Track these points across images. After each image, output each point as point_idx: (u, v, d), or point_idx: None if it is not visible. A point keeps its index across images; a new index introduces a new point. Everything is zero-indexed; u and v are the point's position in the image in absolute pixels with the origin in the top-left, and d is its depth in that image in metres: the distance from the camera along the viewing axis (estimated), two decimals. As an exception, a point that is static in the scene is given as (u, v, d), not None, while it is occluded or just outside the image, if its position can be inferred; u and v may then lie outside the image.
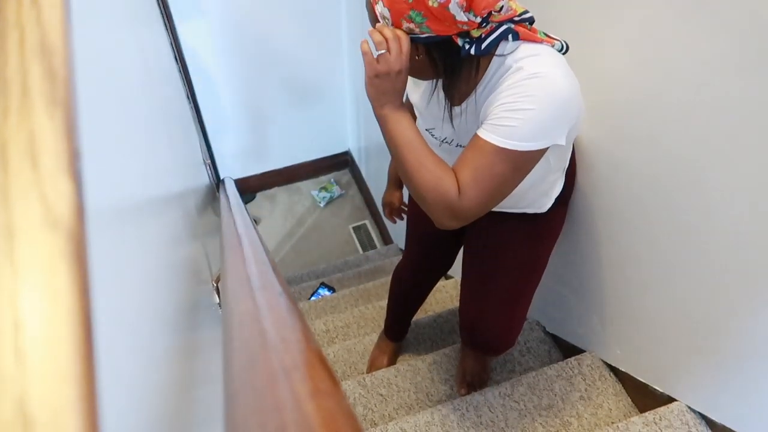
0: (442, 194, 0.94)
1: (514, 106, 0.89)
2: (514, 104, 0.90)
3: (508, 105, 0.90)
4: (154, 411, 0.51)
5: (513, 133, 0.89)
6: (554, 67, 0.91)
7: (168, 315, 0.69)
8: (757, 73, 0.81)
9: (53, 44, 0.30)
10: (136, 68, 0.90)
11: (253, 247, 0.97)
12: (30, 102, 0.27)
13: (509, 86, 0.91)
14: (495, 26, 0.91)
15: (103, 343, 0.27)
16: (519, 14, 0.94)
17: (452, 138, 1.12)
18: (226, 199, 1.65)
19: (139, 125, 0.80)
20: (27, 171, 0.25)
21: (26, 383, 0.20)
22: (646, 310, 1.30)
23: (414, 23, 0.88)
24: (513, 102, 0.90)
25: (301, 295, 2.70)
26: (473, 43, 0.91)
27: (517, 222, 1.25)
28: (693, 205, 1.04)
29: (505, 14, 0.92)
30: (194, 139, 1.93)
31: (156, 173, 0.87)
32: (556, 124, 0.90)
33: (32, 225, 0.24)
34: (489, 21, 0.90)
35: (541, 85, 0.88)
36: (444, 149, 1.16)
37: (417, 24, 0.88)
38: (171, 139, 1.22)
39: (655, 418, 1.35)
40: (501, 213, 1.24)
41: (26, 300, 0.22)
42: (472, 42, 0.91)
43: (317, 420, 0.33)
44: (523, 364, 1.77)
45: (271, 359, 0.44)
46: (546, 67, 0.90)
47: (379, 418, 1.64)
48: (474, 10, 0.85)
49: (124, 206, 0.56)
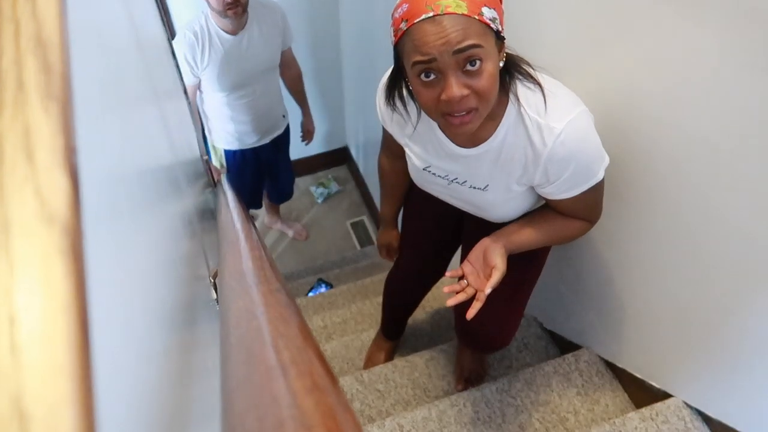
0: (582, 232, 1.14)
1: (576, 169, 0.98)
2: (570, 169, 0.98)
3: (572, 171, 0.98)
4: (151, 406, 0.51)
5: (590, 178, 1.00)
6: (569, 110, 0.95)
7: (165, 310, 0.69)
8: (757, 71, 0.81)
9: (49, 38, 0.30)
10: (134, 63, 0.89)
11: (250, 242, 0.97)
12: (25, 96, 0.27)
13: (556, 158, 0.97)
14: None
15: (100, 339, 0.27)
16: None
17: (464, 179, 1.12)
18: (223, 194, 1.64)
19: (137, 120, 0.80)
20: (22, 165, 0.25)
21: (22, 379, 0.20)
22: (643, 306, 1.31)
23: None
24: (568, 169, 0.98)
25: (298, 291, 2.70)
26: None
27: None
28: (689, 203, 1.04)
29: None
30: (191, 134, 1.93)
31: (153, 168, 0.86)
32: (598, 146, 0.99)
33: (27, 220, 0.24)
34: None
35: (576, 139, 0.95)
36: (454, 189, 1.15)
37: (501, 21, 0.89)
38: (169, 135, 1.22)
39: (651, 413, 1.35)
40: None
41: (21, 295, 0.22)
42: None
43: (315, 416, 0.33)
44: (520, 360, 1.77)
45: (269, 355, 0.44)
46: (565, 116, 0.94)
47: (376, 413, 1.65)
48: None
49: (121, 201, 0.56)
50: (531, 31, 1.25)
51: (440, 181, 1.16)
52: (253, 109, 2.31)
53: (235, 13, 1.94)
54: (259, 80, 2.24)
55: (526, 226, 1.12)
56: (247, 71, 2.17)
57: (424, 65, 0.84)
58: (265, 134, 2.46)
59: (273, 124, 2.46)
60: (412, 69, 0.87)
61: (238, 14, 1.96)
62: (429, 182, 1.19)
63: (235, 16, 1.96)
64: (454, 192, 1.17)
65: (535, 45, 1.24)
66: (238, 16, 1.97)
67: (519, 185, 1.06)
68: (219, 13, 1.96)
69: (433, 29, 0.81)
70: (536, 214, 1.14)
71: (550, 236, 1.13)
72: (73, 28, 0.34)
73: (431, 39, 0.81)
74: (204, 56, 2.06)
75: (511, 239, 1.11)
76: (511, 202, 1.11)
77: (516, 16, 1.29)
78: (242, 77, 2.17)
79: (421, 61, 0.84)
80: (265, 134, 2.46)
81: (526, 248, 1.13)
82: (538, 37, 1.24)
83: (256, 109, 2.32)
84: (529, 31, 1.25)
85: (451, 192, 1.18)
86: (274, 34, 2.19)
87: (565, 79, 1.17)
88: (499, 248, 1.08)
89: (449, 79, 0.84)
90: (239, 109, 2.27)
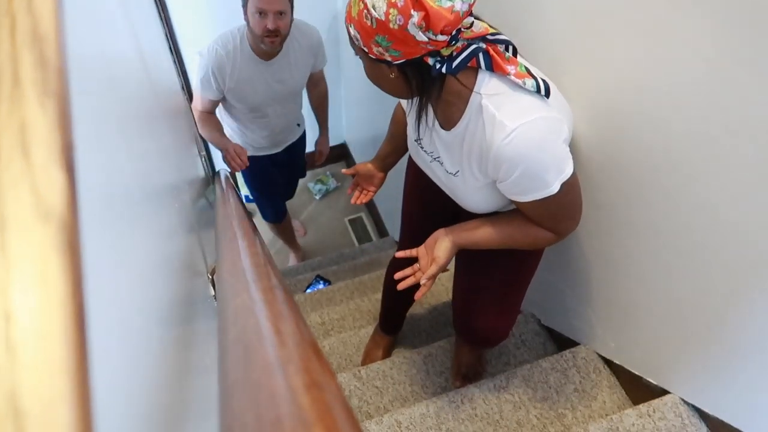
0: (547, 242, 1.13)
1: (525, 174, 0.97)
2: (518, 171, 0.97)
3: (520, 174, 0.97)
4: (148, 403, 0.51)
5: (540, 188, 0.99)
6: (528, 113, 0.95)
7: (162, 307, 0.69)
8: (755, 69, 0.81)
9: (45, 33, 0.30)
10: (130, 57, 0.89)
11: (248, 239, 0.97)
12: (21, 91, 0.27)
13: (503, 157, 0.96)
14: (467, 44, 0.93)
15: (96, 335, 0.27)
16: (491, 33, 0.96)
17: (442, 160, 1.16)
18: (221, 191, 1.64)
19: (134, 116, 0.79)
20: (18, 161, 0.25)
21: (17, 376, 0.20)
22: (641, 303, 1.31)
23: (382, 47, 0.91)
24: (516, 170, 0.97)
25: (296, 288, 2.71)
26: (444, 62, 0.93)
27: None
28: (687, 199, 1.04)
29: (477, 31, 0.94)
30: (189, 131, 1.92)
31: (151, 164, 0.86)
32: (554, 157, 0.98)
33: (24, 216, 0.23)
34: (459, 38, 0.92)
35: (524, 144, 0.95)
36: (435, 168, 1.20)
37: (384, 48, 0.91)
38: (166, 131, 1.22)
39: (648, 410, 1.35)
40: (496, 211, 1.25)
41: (18, 291, 0.22)
42: (443, 61, 0.93)
43: (312, 412, 0.33)
44: (518, 357, 1.77)
45: (267, 352, 0.44)
46: (520, 117, 0.95)
47: (374, 410, 1.65)
48: (432, 30, 0.86)
49: (118, 197, 0.56)
50: (529, 26, 1.25)
51: (425, 156, 1.20)
52: (270, 127, 2.25)
53: (272, 42, 1.88)
54: (282, 102, 2.19)
55: (486, 225, 1.15)
56: (271, 95, 2.11)
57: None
58: (278, 144, 2.40)
59: (287, 135, 2.41)
60: None
61: (275, 44, 1.90)
62: (417, 155, 1.24)
63: (272, 46, 1.90)
64: (434, 171, 1.21)
65: (533, 40, 1.24)
66: (274, 46, 1.91)
67: (481, 174, 1.08)
68: (256, 39, 1.90)
69: None
70: (501, 216, 1.17)
71: (509, 239, 1.14)
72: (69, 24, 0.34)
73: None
74: (231, 76, 1.99)
75: (464, 235, 1.15)
76: (479, 193, 1.13)
77: (515, 10, 1.28)
78: (266, 100, 2.12)
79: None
80: (279, 144, 2.41)
81: (482, 246, 1.15)
82: (536, 32, 1.24)
83: (273, 127, 2.26)
84: (528, 26, 1.25)
85: (432, 170, 1.22)
86: (307, 59, 2.13)
87: (564, 75, 1.17)
88: (447, 242, 1.14)
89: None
90: (255, 123, 2.22)
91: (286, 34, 1.92)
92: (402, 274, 1.18)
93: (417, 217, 1.55)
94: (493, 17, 1.17)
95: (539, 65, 1.09)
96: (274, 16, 1.83)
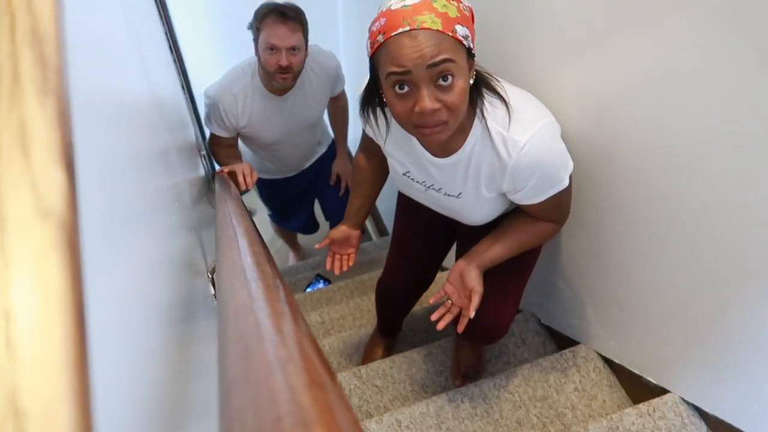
0: (552, 233, 1.21)
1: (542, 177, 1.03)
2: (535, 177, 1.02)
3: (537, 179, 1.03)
4: (148, 403, 0.51)
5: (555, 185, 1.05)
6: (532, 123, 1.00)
7: (162, 306, 0.69)
8: (754, 67, 0.81)
9: (45, 31, 0.30)
10: (130, 55, 0.89)
11: (248, 238, 0.96)
12: (21, 90, 0.27)
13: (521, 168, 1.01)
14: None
15: (96, 334, 0.27)
16: None
17: (439, 186, 1.17)
18: (221, 189, 1.64)
19: (134, 114, 0.79)
20: (18, 160, 0.25)
21: (17, 375, 0.20)
22: (640, 302, 1.31)
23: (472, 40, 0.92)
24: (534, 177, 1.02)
25: (296, 287, 2.70)
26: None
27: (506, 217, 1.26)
28: (687, 198, 1.04)
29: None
30: (189, 129, 1.92)
31: (151, 162, 0.86)
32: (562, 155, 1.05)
33: (23, 215, 0.23)
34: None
35: (539, 151, 0.99)
36: (431, 195, 1.22)
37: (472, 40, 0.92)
38: (166, 129, 1.22)
39: (648, 409, 1.35)
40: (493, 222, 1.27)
41: (17, 291, 0.22)
42: None
43: (313, 412, 0.33)
44: (518, 356, 1.77)
45: (267, 351, 0.44)
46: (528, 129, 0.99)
47: (374, 409, 1.65)
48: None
49: (119, 196, 0.56)
50: (528, 27, 1.25)
51: (418, 186, 1.22)
52: (284, 159, 2.19)
53: (285, 79, 1.78)
54: (300, 135, 2.10)
55: (497, 241, 1.18)
56: (287, 131, 2.02)
57: (399, 77, 0.88)
58: (294, 169, 2.31)
59: (305, 162, 2.32)
60: (387, 80, 0.90)
61: (287, 81, 1.80)
62: (408, 187, 1.25)
63: (284, 83, 1.81)
64: (431, 198, 1.23)
65: (532, 41, 1.24)
66: (287, 82, 1.81)
67: (489, 191, 1.11)
68: (268, 75, 1.80)
69: (409, 42, 0.85)
70: (505, 226, 1.20)
71: (520, 244, 1.19)
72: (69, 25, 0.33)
73: (407, 52, 0.85)
74: (243, 115, 1.90)
75: (483, 257, 1.17)
76: (484, 207, 1.17)
77: (514, 10, 1.28)
78: (282, 136, 2.03)
79: (396, 72, 0.87)
80: (295, 169, 2.31)
81: (501, 260, 1.19)
82: (536, 32, 1.24)
83: (287, 159, 2.19)
84: (527, 27, 1.25)
85: (428, 197, 1.24)
86: (324, 89, 2.03)
87: (563, 74, 1.16)
88: (473, 269, 1.16)
89: (422, 91, 0.88)
90: (270, 154, 2.15)
91: (300, 70, 1.82)
92: (438, 315, 1.21)
93: (409, 239, 1.59)
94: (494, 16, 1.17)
95: (538, 66, 1.09)
96: (287, 52, 1.73)
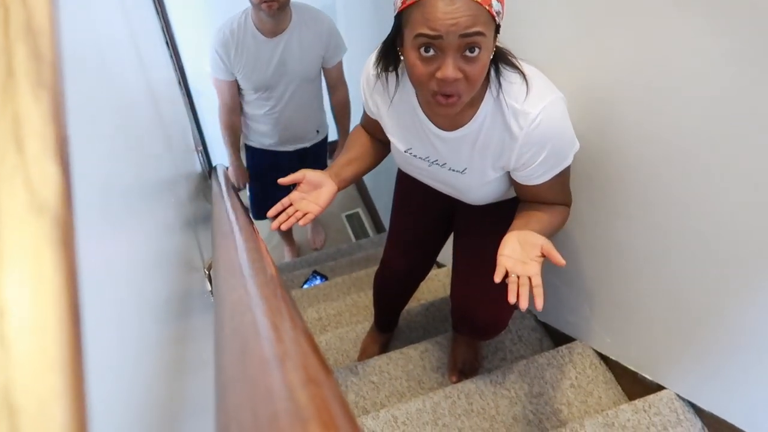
0: (567, 216, 1.18)
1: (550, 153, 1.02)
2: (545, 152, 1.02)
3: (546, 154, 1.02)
4: (144, 400, 0.51)
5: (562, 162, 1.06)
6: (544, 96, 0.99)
7: (158, 302, 0.68)
8: (753, 65, 0.81)
9: (40, 25, 0.29)
10: (126, 52, 0.89)
11: (244, 234, 0.96)
12: (15, 84, 0.27)
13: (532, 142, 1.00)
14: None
15: (91, 331, 0.26)
16: None
17: (443, 161, 1.15)
18: (218, 186, 1.64)
19: (130, 110, 0.79)
20: (12, 154, 0.24)
21: (11, 372, 0.20)
22: (636, 299, 1.31)
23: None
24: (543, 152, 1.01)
25: (293, 283, 2.70)
26: None
27: (504, 209, 1.26)
28: (684, 196, 1.04)
29: None
30: (186, 126, 1.92)
31: (147, 158, 0.86)
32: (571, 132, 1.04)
33: (17, 210, 0.23)
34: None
35: (550, 124, 0.99)
36: (434, 171, 1.19)
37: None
38: (163, 125, 1.21)
39: (644, 405, 1.36)
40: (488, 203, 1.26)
41: (11, 286, 0.21)
42: None
43: (309, 408, 0.33)
44: (514, 353, 1.78)
45: (263, 347, 0.44)
46: (540, 101, 0.98)
47: (371, 405, 1.65)
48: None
49: (114, 191, 0.56)
50: (529, 22, 1.24)
51: (421, 163, 1.18)
52: (280, 120, 2.22)
53: (270, 7, 1.84)
54: (288, 90, 2.14)
55: (530, 221, 1.09)
56: (274, 74, 2.08)
57: (428, 39, 0.86)
58: (285, 142, 2.34)
59: (299, 135, 2.35)
60: (414, 40, 0.88)
61: (272, 10, 1.85)
62: (410, 164, 1.22)
63: (269, 11, 1.86)
64: (434, 174, 1.19)
65: (532, 36, 1.24)
66: (272, 11, 1.86)
67: (494, 170, 1.10)
68: (255, 7, 1.89)
69: (445, 8, 0.83)
70: (527, 210, 1.14)
71: (551, 222, 1.11)
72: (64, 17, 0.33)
73: (442, 16, 0.83)
74: (237, 55, 2.01)
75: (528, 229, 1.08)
76: (486, 187, 1.15)
77: (515, 4, 1.28)
78: (269, 79, 2.09)
79: (426, 35, 0.86)
80: (286, 143, 2.34)
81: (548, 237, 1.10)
82: (536, 30, 1.23)
83: (283, 121, 2.23)
84: (528, 22, 1.25)
85: (431, 174, 1.20)
86: (315, 46, 2.08)
87: (563, 71, 1.16)
88: (528, 232, 1.05)
89: (448, 58, 0.87)
90: (263, 110, 2.20)
91: (286, 1, 1.90)
92: (513, 295, 1.00)
93: (409, 224, 1.57)
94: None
95: (539, 60, 1.09)
96: None
